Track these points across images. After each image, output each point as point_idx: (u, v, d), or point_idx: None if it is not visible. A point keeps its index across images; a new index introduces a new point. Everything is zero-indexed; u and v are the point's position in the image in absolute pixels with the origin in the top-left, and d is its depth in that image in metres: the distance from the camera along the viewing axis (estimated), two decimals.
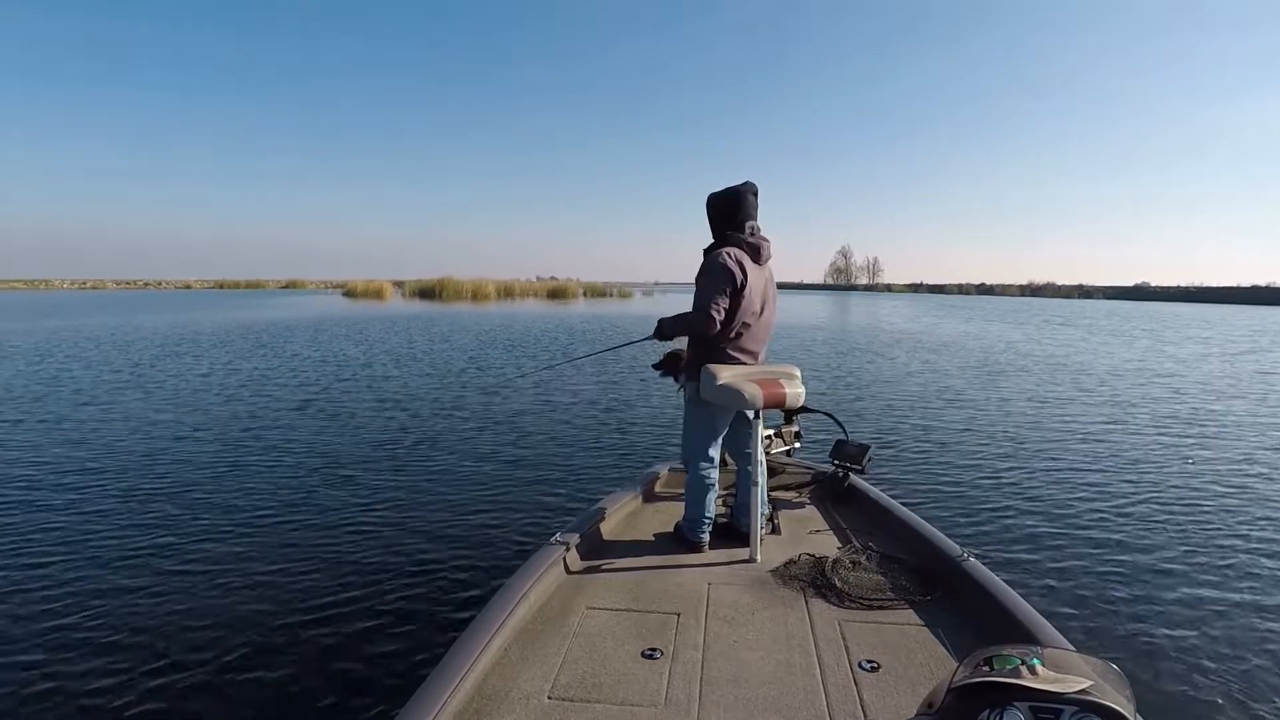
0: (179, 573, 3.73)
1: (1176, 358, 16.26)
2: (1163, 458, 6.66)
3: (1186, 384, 11.89)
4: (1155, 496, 5.36)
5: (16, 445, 6.44)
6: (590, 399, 9.27)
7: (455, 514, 4.68)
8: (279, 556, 3.93)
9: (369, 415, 7.99)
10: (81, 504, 4.79)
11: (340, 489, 5.18)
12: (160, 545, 4.09)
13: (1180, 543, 4.39)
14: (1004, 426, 8.02)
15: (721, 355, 2.91)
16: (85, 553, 3.97)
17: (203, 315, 28.67)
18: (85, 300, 49.13)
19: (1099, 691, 1.15)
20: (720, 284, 2.81)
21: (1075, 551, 4.21)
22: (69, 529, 4.34)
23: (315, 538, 4.22)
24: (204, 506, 4.79)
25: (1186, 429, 8.07)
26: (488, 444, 6.68)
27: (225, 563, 3.85)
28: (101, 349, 14.78)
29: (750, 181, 2.96)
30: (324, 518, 4.56)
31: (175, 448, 6.40)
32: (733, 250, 2.86)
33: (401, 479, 5.47)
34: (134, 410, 8.08)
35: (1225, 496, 5.39)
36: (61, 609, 3.30)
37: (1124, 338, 22.10)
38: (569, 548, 2.77)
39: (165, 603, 3.38)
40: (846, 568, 2.74)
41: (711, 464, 3.00)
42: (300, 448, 6.42)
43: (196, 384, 10.15)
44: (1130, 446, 7.08)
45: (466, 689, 1.90)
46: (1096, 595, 3.64)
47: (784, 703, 1.91)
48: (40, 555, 3.93)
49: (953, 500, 5.19)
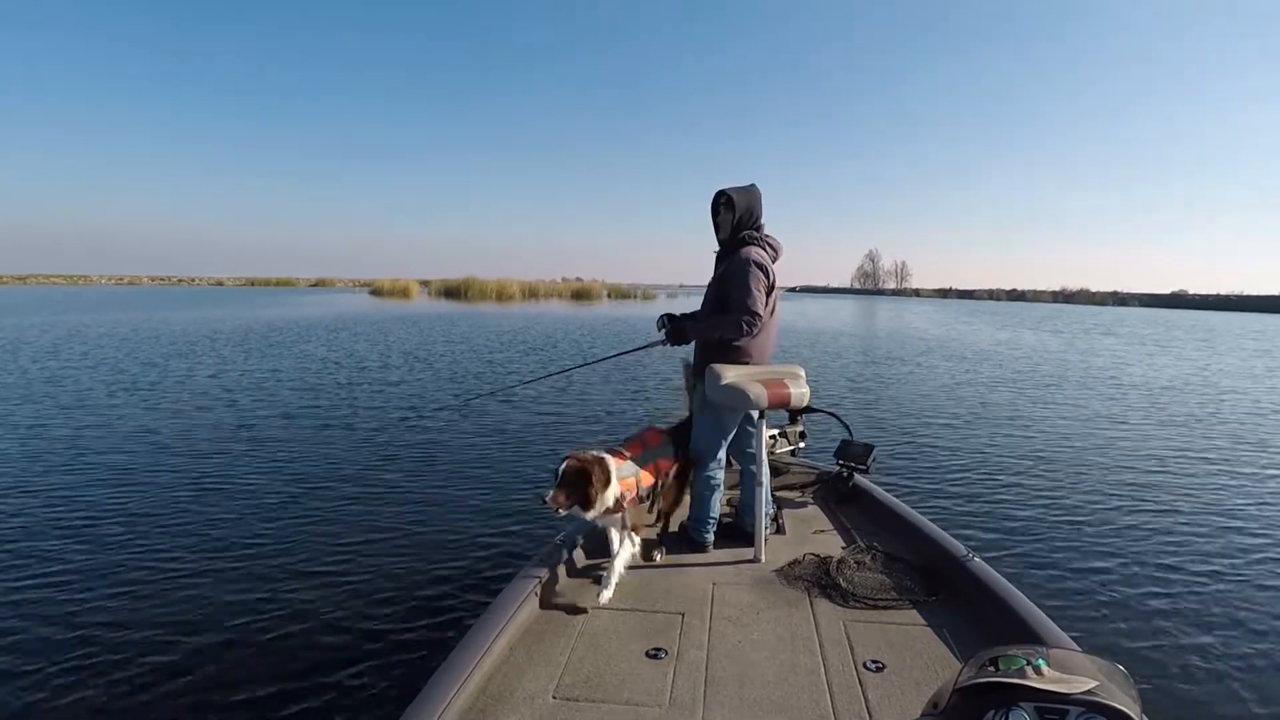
0: (182, 574, 3.72)
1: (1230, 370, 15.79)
2: (1170, 461, 6.59)
3: (1197, 389, 11.65)
4: (1161, 499, 5.32)
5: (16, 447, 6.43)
6: (598, 399, 9.29)
7: (460, 514, 4.69)
8: (285, 558, 3.95)
9: (376, 416, 8.01)
10: (68, 511, 4.65)
11: (346, 490, 5.20)
12: (161, 546, 4.08)
13: (1186, 544, 4.36)
14: (1008, 428, 7.97)
15: (739, 356, 2.90)
16: (82, 556, 3.93)
17: (228, 313, 29.25)
18: (120, 295, 50.48)
19: (1105, 692, 1.14)
20: (761, 284, 2.81)
21: (1080, 552, 4.19)
22: (68, 529, 4.34)
23: (321, 539, 4.23)
24: (204, 506, 4.81)
25: (1190, 432, 7.98)
26: (494, 444, 6.69)
27: (230, 562, 3.87)
28: (112, 346, 15.12)
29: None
30: (330, 519, 4.58)
31: (176, 449, 6.33)
32: (763, 251, 2.88)
33: (407, 480, 5.48)
34: (129, 413, 7.83)
35: (1233, 500, 5.36)
36: (61, 611, 3.29)
37: (1169, 348, 21.55)
38: (573, 547, 2.78)
39: (167, 604, 3.39)
40: (851, 568, 2.72)
41: (719, 464, 2.99)
42: (308, 449, 6.45)
43: (205, 384, 10.08)
44: (1140, 451, 6.99)
45: (471, 689, 1.91)
46: (1102, 596, 3.61)
47: (789, 703, 1.90)
48: (40, 555, 3.91)
49: (958, 500, 5.17)
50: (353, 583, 3.62)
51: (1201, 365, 15.73)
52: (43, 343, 15.04)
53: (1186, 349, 20.40)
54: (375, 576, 3.69)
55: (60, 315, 25.21)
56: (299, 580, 3.65)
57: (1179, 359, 17.17)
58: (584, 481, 2.46)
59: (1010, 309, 60.11)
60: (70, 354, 13.08)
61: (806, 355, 15.66)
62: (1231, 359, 17.52)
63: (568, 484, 2.46)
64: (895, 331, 26.03)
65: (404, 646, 3.02)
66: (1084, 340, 23.41)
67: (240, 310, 31.08)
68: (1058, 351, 18.66)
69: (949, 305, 70.20)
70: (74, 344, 14.83)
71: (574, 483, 2.46)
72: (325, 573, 3.74)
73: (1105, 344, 21.94)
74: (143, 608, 3.34)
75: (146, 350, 14.08)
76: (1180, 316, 48.00)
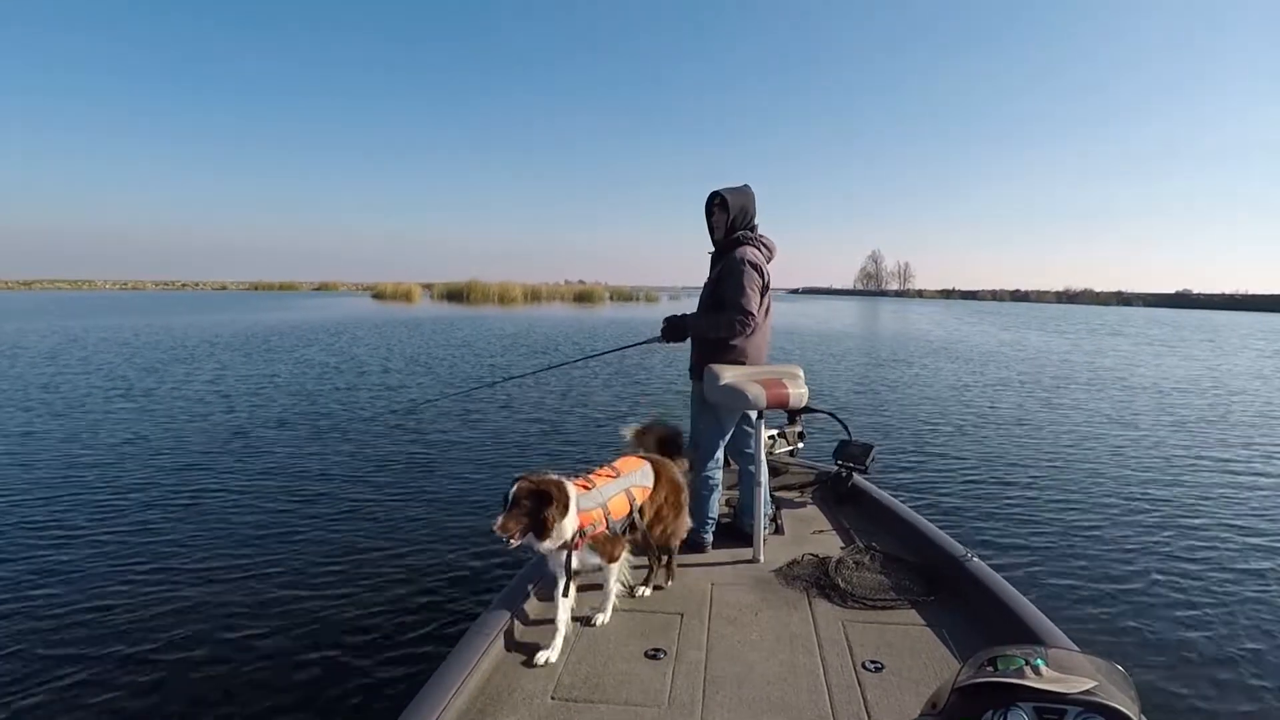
0: (180, 575, 3.72)
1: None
2: (1169, 461, 6.55)
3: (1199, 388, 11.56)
4: (1159, 498, 5.32)
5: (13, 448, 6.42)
6: (598, 399, 9.27)
7: (459, 514, 4.68)
8: (282, 559, 3.93)
9: (372, 418, 7.98)
10: (65, 515, 4.64)
11: (344, 491, 5.18)
12: (156, 548, 4.06)
13: (1184, 544, 4.35)
14: (1008, 428, 7.94)
15: (736, 356, 2.90)
16: (79, 558, 3.92)
17: (228, 317, 29.23)
18: (124, 300, 50.65)
19: (1103, 692, 1.14)
20: (755, 284, 2.82)
21: (1079, 552, 4.19)
22: (67, 530, 4.33)
23: (319, 540, 4.22)
24: (205, 506, 4.82)
25: (1191, 432, 7.95)
26: (492, 443, 6.69)
27: (229, 564, 3.86)
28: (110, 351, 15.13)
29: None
30: (329, 520, 4.56)
31: (170, 453, 6.30)
32: (757, 252, 2.89)
33: (405, 480, 5.47)
34: (125, 419, 7.78)
35: (1231, 500, 5.34)
36: (58, 612, 3.28)
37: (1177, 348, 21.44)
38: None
39: (167, 604, 3.39)
40: (850, 568, 2.72)
41: (717, 465, 2.99)
42: (302, 453, 6.41)
43: (200, 390, 10.06)
44: (1140, 451, 6.94)
45: (470, 689, 1.91)
46: (1100, 595, 3.61)
47: (788, 703, 1.90)
48: (39, 557, 3.91)
49: (956, 500, 5.16)
50: (350, 583, 3.61)
51: (1210, 365, 15.64)
52: (42, 348, 15.08)
53: (1194, 349, 20.31)
54: (372, 577, 3.68)
55: (67, 320, 25.26)
56: (296, 582, 3.63)
57: (1187, 358, 17.09)
58: (540, 504, 2.12)
59: (1014, 309, 60.03)
60: (68, 359, 13.10)
61: (811, 357, 15.63)
62: (1240, 359, 17.41)
63: (519, 507, 2.11)
64: (899, 333, 25.97)
65: (403, 647, 3.01)
66: (1090, 340, 23.34)
67: (241, 314, 31.11)
68: (1062, 352, 18.64)
69: (952, 306, 70.08)
70: (73, 349, 14.84)
71: (527, 507, 2.12)
72: (322, 574, 3.73)
73: (1112, 344, 21.89)
74: (138, 610, 3.32)
75: (146, 355, 14.08)
76: (1186, 316, 47.89)
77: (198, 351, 14.87)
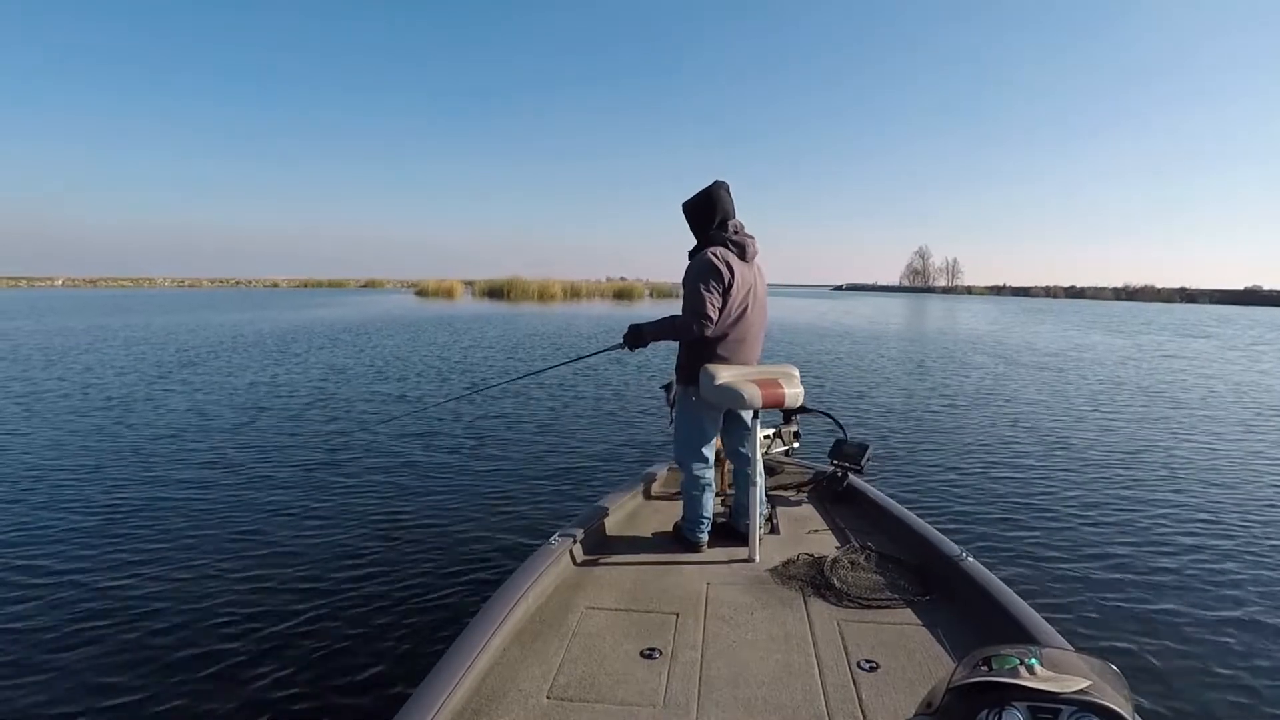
0: (179, 574, 3.73)
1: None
2: (1168, 461, 6.41)
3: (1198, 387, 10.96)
4: (1154, 497, 5.27)
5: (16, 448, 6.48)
6: (591, 399, 9.19)
7: (455, 514, 4.67)
8: (277, 558, 3.94)
9: (371, 416, 7.95)
10: (70, 507, 4.72)
11: (340, 489, 5.19)
12: (162, 548, 4.09)
13: (1179, 544, 4.33)
14: (1005, 428, 7.80)
15: (713, 357, 2.87)
16: (77, 559, 3.94)
17: (273, 314, 30.06)
18: (182, 298, 52.81)
19: (1097, 691, 1.14)
20: (710, 284, 2.78)
21: (1074, 551, 4.17)
22: (66, 531, 4.34)
23: (314, 539, 4.23)
24: (205, 506, 4.82)
25: (1191, 433, 7.74)
26: (488, 444, 6.65)
27: (223, 562, 3.87)
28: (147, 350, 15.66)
29: (720, 180, 2.93)
30: (324, 518, 4.57)
31: (177, 449, 6.37)
32: (719, 250, 2.83)
33: (401, 479, 5.47)
34: (144, 414, 7.92)
35: (1226, 499, 5.26)
36: (58, 612, 3.32)
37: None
38: (568, 547, 2.79)
39: (166, 604, 3.40)
40: (845, 567, 2.69)
41: (705, 464, 2.98)
42: (303, 446, 6.44)
43: (223, 385, 10.16)
44: (1139, 452, 6.78)
45: (465, 688, 1.92)
46: (1095, 595, 3.59)
47: (783, 703, 1.90)
48: (38, 558, 3.94)
49: (952, 500, 5.13)
50: (346, 583, 3.62)
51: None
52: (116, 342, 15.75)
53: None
54: (368, 577, 3.68)
55: (135, 317, 26.42)
56: (291, 580, 3.65)
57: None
58: None
59: (1072, 307, 57.95)
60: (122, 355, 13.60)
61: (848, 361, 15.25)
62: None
63: None
64: (946, 332, 25.27)
65: (397, 646, 3.01)
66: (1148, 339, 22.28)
67: (285, 312, 31.86)
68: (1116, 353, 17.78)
69: (1004, 303, 67.90)
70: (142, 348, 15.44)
71: None
72: (319, 573, 3.74)
73: (1197, 347, 20.81)
74: (135, 611, 3.34)
75: (182, 352, 14.54)
76: (1259, 314, 45.35)
77: (223, 348, 15.32)
